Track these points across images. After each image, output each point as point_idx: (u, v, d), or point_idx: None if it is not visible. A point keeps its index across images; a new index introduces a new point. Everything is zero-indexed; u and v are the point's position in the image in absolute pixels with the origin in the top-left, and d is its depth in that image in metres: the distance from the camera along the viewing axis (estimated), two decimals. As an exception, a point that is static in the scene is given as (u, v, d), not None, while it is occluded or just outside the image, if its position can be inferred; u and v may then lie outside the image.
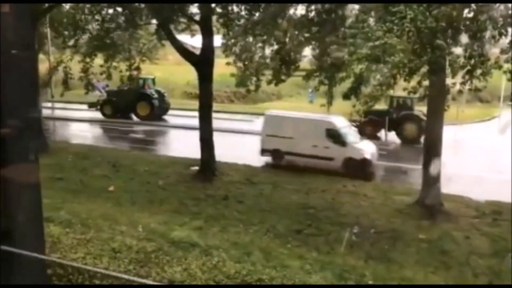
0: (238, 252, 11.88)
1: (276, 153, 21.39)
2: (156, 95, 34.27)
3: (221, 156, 19.82)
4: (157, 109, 34.05)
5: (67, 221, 10.64)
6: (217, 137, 19.75)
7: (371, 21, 12.42)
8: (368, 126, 28.39)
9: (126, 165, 20.10)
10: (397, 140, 28.30)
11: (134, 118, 34.53)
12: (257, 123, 32.67)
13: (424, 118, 26.28)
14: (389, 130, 28.54)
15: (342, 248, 12.46)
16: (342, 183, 18.68)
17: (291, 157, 20.97)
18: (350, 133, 21.46)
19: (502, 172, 20.59)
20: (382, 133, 29.08)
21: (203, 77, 18.93)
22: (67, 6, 22.36)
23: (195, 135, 19.75)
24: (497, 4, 12.82)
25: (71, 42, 21.34)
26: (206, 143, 19.00)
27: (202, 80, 19.02)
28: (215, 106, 22.18)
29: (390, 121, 28.25)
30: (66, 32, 22.14)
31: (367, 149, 20.93)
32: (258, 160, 21.52)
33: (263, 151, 21.75)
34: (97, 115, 34.66)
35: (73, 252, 8.61)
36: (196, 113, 19.61)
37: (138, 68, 20.98)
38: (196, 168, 19.40)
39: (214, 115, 19.79)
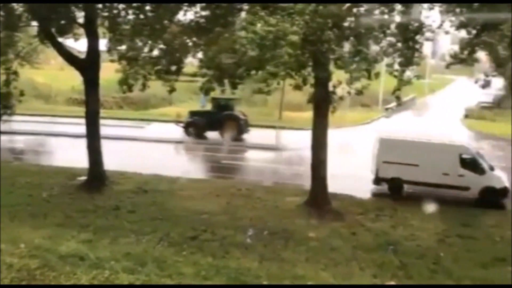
0: (131, 263, 11.54)
1: (394, 182, 18.80)
2: None
3: (110, 165, 19.03)
4: None
5: None
6: (106, 145, 18.95)
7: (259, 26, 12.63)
8: (192, 127, 30.01)
9: (5, 177, 18.54)
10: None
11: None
12: (148, 130, 32.03)
13: (243, 117, 30.23)
14: (212, 130, 30.06)
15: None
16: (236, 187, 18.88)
17: (413, 187, 18.77)
18: (484, 159, 19.13)
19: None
20: (207, 133, 30.35)
21: (89, 82, 18.10)
22: None
23: (83, 143, 18.78)
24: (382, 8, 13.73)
25: None
26: (94, 151, 18.15)
27: (88, 85, 18.17)
28: (103, 112, 21.27)
29: (213, 121, 29.85)
30: None
31: (503, 176, 18.92)
32: (153, 167, 20.87)
33: (379, 180, 19.15)
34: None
35: None
36: (83, 120, 18.66)
37: (15, 73, 19.44)
38: (84, 178, 18.46)
39: (102, 121, 18.98)
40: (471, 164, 18.30)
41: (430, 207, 16.10)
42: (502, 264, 12.48)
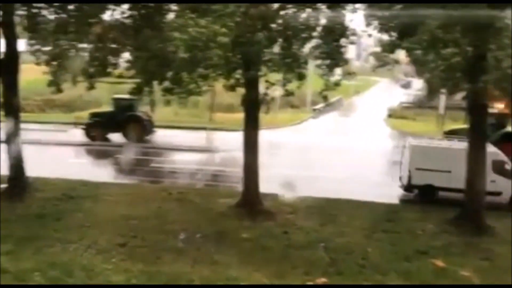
0: (57, 273, 11.07)
1: (427, 189, 18.75)
2: None
3: (33, 171, 18.04)
4: None
5: None
6: (27, 150, 17.97)
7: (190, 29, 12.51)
8: (94, 128, 28.93)
9: None
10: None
11: None
12: (71, 134, 30.68)
13: (147, 118, 29.21)
14: (115, 131, 29.19)
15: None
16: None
17: (445, 193, 18.57)
18: None
19: (313, 169, 22.70)
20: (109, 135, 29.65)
21: (7, 84, 17.09)
22: None
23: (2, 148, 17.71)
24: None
25: None
26: (14, 157, 17.16)
27: (6, 88, 17.16)
28: (24, 116, 20.16)
29: (115, 123, 28.85)
30: None
31: None
32: (78, 172, 20.06)
33: (411, 187, 19.12)
34: None
35: None
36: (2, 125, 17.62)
37: None
38: (4, 185, 17.39)
39: (23, 126, 18.01)
40: (503, 168, 18.50)
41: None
42: None
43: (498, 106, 29.85)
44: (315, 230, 14.86)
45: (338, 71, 14.78)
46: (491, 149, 18.32)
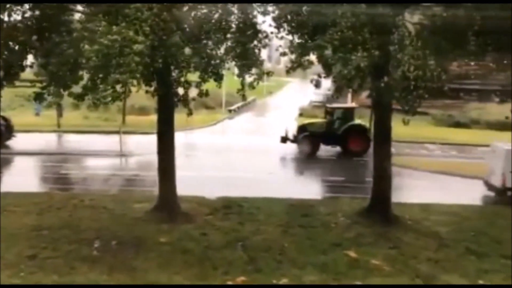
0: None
1: None
2: None
3: None
4: None
5: None
6: None
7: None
8: None
9: None
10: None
11: None
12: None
13: (3, 122, 27.91)
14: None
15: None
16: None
17: None
18: None
19: (231, 170, 22.91)
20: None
21: None
22: None
23: None
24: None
25: None
26: None
27: None
28: None
29: None
30: None
31: None
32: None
33: (505, 190, 19.97)
34: None
35: None
36: None
37: None
38: None
39: None
40: None
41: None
42: None
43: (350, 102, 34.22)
44: (234, 230, 14.98)
45: (254, 71, 15.00)
46: None
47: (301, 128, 30.21)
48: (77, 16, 15.03)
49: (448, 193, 21.20)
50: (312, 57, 16.00)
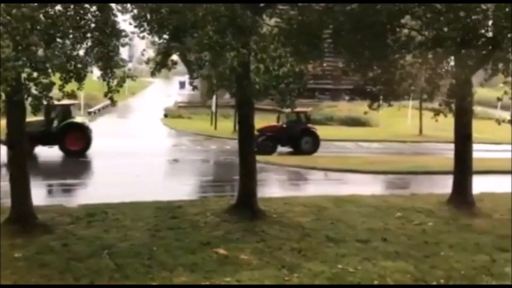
0: None
1: None
2: None
3: None
4: None
5: None
6: None
7: None
8: None
9: None
10: None
11: None
12: None
13: None
14: None
15: None
16: None
17: None
18: None
19: (95, 175, 21.77)
20: None
21: None
22: None
23: None
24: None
25: None
26: None
27: None
28: None
29: None
30: None
31: None
32: None
33: None
34: None
35: None
36: None
37: None
38: None
39: None
40: None
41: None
42: None
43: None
44: (99, 238, 14.29)
45: (117, 72, 14.50)
46: None
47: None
48: None
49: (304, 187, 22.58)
50: (175, 57, 15.97)
